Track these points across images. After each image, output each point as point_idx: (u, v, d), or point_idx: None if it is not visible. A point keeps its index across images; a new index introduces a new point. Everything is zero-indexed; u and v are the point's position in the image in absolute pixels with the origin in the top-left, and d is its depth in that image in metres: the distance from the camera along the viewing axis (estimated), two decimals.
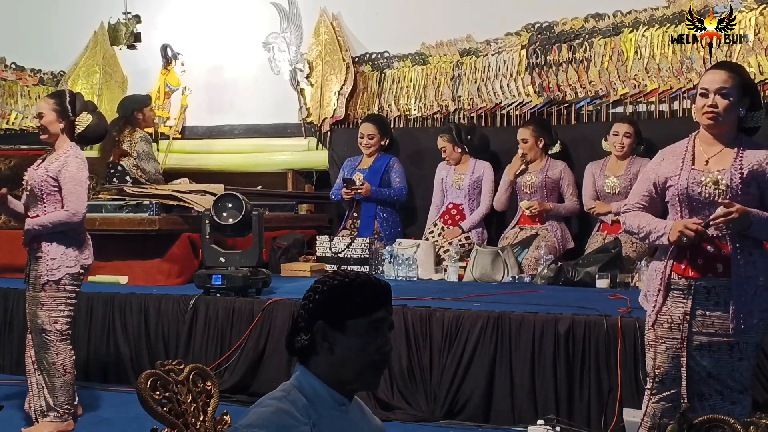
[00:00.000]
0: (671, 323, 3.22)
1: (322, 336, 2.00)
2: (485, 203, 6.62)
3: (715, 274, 3.16)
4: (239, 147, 8.14)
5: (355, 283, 2.01)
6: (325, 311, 2.01)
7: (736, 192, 3.14)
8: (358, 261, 6.28)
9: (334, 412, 2.01)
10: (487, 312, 4.56)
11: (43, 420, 4.34)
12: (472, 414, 4.48)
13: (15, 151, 6.74)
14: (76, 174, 4.31)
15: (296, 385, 2.02)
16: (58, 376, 4.32)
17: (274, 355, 4.93)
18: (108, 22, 7.99)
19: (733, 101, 3.20)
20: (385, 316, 2.02)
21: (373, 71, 7.68)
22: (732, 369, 3.17)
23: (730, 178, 3.16)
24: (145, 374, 2.22)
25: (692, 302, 3.19)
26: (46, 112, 4.39)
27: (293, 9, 8.00)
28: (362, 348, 1.99)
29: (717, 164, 3.21)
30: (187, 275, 5.83)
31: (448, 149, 6.70)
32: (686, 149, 3.29)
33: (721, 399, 3.19)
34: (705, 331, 3.18)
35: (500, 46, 7.13)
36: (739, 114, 3.23)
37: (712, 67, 3.37)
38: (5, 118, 8.70)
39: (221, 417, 2.33)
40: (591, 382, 4.29)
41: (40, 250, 4.31)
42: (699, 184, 3.20)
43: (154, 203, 5.85)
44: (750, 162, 3.17)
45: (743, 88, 3.22)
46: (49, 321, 4.30)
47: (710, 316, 3.17)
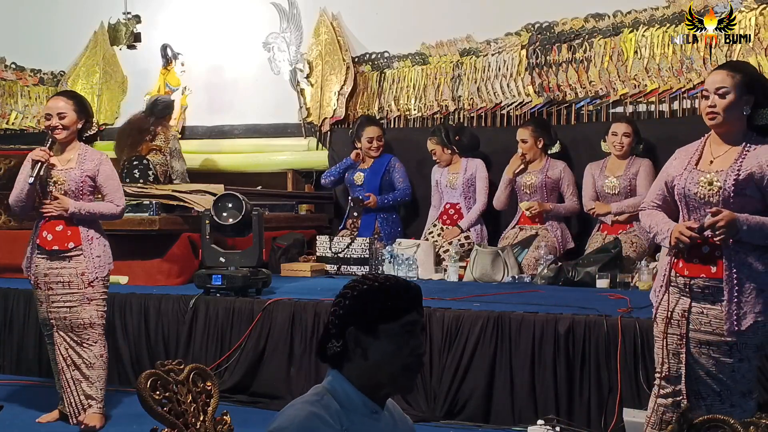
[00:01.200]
0: (672, 319, 3.24)
1: (355, 342, 1.98)
2: (481, 200, 6.62)
3: (708, 274, 3.16)
4: (239, 147, 8.14)
5: (385, 286, 2.00)
6: (357, 317, 1.99)
7: (728, 194, 3.13)
8: (358, 261, 6.28)
9: (367, 420, 1.99)
10: (487, 312, 4.56)
11: (88, 413, 4.37)
12: (472, 414, 4.48)
13: (15, 151, 6.72)
14: (113, 173, 4.52)
15: (330, 390, 1.99)
16: (103, 368, 4.43)
17: (274, 355, 4.93)
18: (108, 22, 8.00)
19: (733, 100, 3.17)
20: (417, 318, 2.01)
21: (373, 71, 7.68)
22: (732, 370, 3.15)
23: (725, 179, 3.15)
24: (145, 374, 2.22)
25: (690, 300, 3.20)
26: (68, 112, 4.39)
27: (293, 9, 8.01)
28: (396, 352, 1.97)
29: (720, 165, 3.20)
30: (187, 275, 5.83)
31: (437, 151, 6.72)
32: (697, 149, 3.31)
33: (719, 401, 3.17)
34: (703, 329, 3.18)
35: (500, 46, 7.13)
36: (743, 112, 3.20)
37: (714, 68, 3.38)
38: (5, 118, 8.71)
39: (221, 417, 2.33)
40: (591, 382, 4.29)
41: (78, 248, 4.36)
42: (696, 184, 3.21)
43: (154, 203, 5.85)
44: (750, 164, 3.14)
45: (746, 86, 3.18)
46: (97, 315, 4.42)
47: (707, 314, 3.17)
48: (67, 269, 4.37)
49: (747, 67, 3.36)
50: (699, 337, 3.18)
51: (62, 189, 4.37)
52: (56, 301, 4.37)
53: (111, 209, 4.44)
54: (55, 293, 4.37)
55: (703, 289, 3.18)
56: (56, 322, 4.38)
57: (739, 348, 3.14)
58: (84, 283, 4.36)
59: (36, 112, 8.74)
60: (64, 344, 4.38)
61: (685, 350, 3.21)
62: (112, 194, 4.46)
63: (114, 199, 4.46)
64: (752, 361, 3.19)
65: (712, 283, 3.16)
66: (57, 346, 4.39)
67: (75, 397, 4.38)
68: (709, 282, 3.16)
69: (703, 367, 3.18)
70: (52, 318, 4.39)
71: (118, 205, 4.46)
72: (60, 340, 4.39)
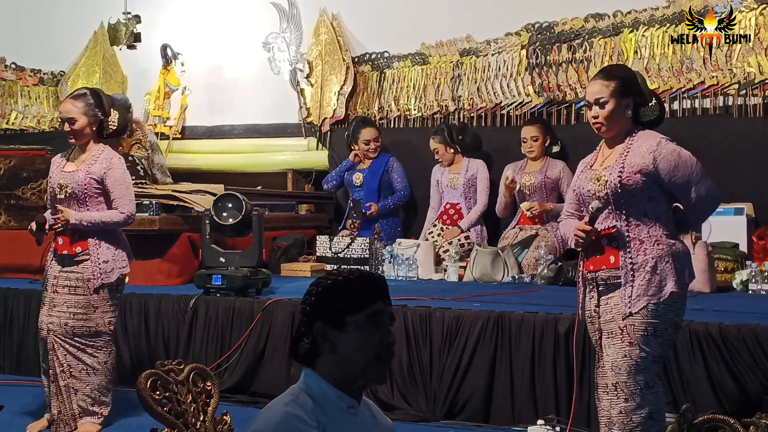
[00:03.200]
0: (590, 317, 3.38)
1: (323, 336, 1.99)
2: (481, 201, 6.62)
3: (608, 265, 3.28)
4: (239, 147, 8.15)
5: (348, 279, 2.01)
6: (322, 311, 2.00)
7: (614, 186, 3.23)
8: (358, 261, 6.28)
9: (343, 415, 1.99)
10: (488, 312, 4.55)
11: (85, 420, 4.26)
12: (472, 414, 4.48)
13: (15, 151, 6.73)
14: (124, 176, 4.32)
15: (304, 389, 2.00)
16: (106, 375, 4.31)
17: (274, 355, 4.93)
18: (108, 22, 8.01)
19: (612, 108, 3.28)
20: (382, 308, 2.01)
21: (373, 71, 7.68)
22: (624, 355, 3.20)
23: (611, 173, 3.25)
24: (145, 374, 2.22)
25: (597, 295, 3.33)
26: (77, 116, 4.24)
27: (293, 9, 8.01)
28: (364, 342, 1.97)
29: (609, 162, 3.32)
30: (187, 275, 5.83)
31: (440, 150, 6.72)
32: (594, 155, 3.46)
33: (615, 394, 3.23)
34: (606, 318, 3.29)
35: (500, 46, 7.13)
36: (626, 115, 3.30)
37: (591, 78, 3.50)
38: (5, 118, 8.71)
39: (221, 417, 2.33)
40: (591, 382, 4.28)
41: (85, 252, 4.25)
42: (588, 181, 3.35)
43: (154, 203, 5.84)
44: (633, 156, 3.24)
45: (621, 92, 3.28)
46: (104, 323, 4.28)
47: (609, 303, 3.29)
48: (75, 274, 4.25)
49: (620, 71, 3.45)
50: (605, 327, 3.30)
51: (66, 191, 4.26)
52: (59, 305, 4.26)
53: (115, 217, 4.26)
54: (60, 297, 4.27)
55: (606, 280, 3.29)
56: (55, 327, 4.24)
57: (628, 330, 3.21)
58: (90, 290, 4.24)
59: (36, 112, 8.74)
60: (62, 350, 4.24)
61: (599, 345, 3.34)
62: (119, 200, 4.27)
63: (120, 205, 4.27)
64: (645, 347, 3.19)
65: (612, 274, 3.27)
66: (54, 351, 4.24)
67: (67, 405, 4.24)
68: (610, 273, 3.27)
69: (609, 358, 3.26)
70: (50, 322, 4.26)
71: (123, 212, 4.27)
72: (57, 345, 4.24)
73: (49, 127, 8.66)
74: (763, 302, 4.85)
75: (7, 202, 6.48)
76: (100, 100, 4.33)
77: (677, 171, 3.21)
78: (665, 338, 3.26)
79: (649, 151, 3.22)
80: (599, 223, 3.29)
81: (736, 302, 4.79)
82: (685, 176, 3.22)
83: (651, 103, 3.35)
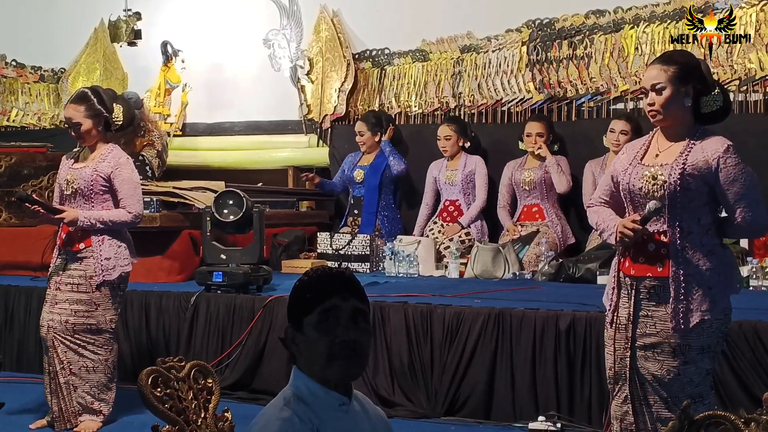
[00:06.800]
0: (619, 323, 3.16)
1: (291, 339, 2.01)
2: (480, 197, 6.62)
3: (655, 273, 3.08)
4: (240, 144, 8.14)
5: (306, 279, 2.01)
6: (289, 314, 2.03)
7: (673, 188, 3.04)
8: (359, 258, 6.28)
9: (335, 413, 1.98)
10: (488, 309, 4.56)
11: (84, 418, 4.27)
12: (473, 410, 4.49)
13: (16, 148, 6.73)
14: (132, 176, 4.35)
15: (294, 390, 2.00)
16: (106, 373, 4.32)
17: (274, 352, 4.93)
18: (108, 19, 7.99)
19: (670, 95, 3.07)
20: (337, 303, 1.96)
21: (374, 68, 7.67)
22: (678, 373, 3.05)
23: (669, 173, 3.05)
24: (146, 371, 2.22)
25: (635, 302, 3.11)
26: (81, 120, 4.26)
27: (293, 6, 8.00)
28: (317, 341, 1.95)
29: (664, 159, 3.11)
30: (188, 272, 5.83)
31: (452, 139, 6.67)
32: (644, 144, 3.23)
33: (665, 408, 3.07)
34: (648, 332, 3.09)
35: (501, 43, 7.12)
36: (685, 104, 3.09)
37: (649, 63, 3.30)
38: (6, 116, 8.71)
39: (222, 414, 2.33)
40: (592, 378, 4.29)
41: (88, 249, 4.26)
42: (640, 179, 3.13)
43: (155, 200, 5.84)
44: (696, 157, 3.05)
45: (681, 77, 3.07)
46: (105, 321, 4.30)
47: (653, 317, 3.09)
48: (78, 271, 4.27)
49: (681, 57, 3.22)
50: (644, 340, 3.10)
51: (73, 187, 4.28)
52: (61, 302, 4.27)
53: (123, 217, 4.28)
54: (62, 294, 4.28)
55: (650, 289, 3.09)
56: (56, 324, 4.25)
57: (683, 350, 3.04)
58: (91, 287, 4.25)
59: (36, 109, 8.74)
60: (62, 347, 4.24)
61: (629, 354, 3.13)
62: (126, 199, 4.29)
63: (127, 205, 4.29)
64: (699, 364, 3.08)
65: (658, 283, 3.07)
66: (54, 348, 4.25)
67: (67, 402, 4.25)
68: (656, 281, 3.08)
69: (649, 372, 3.10)
70: (50, 319, 4.27)
71: (130, 212, 4.29)
72: (57, 342, 4.25)
73: (49, 124, 8.66)
74: (764, 298, 4.86)
75: (8, 199, 6.47)
76: (101, 98, 4.34)
77: (734, 186, 3.02)
78: (716, 351, 3.14)
79: (715, 156, 3.02)
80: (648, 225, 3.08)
81: (737, 298, 4.78)
82: (739, 194, 3.03)
83: (714, 92, 3.10)
